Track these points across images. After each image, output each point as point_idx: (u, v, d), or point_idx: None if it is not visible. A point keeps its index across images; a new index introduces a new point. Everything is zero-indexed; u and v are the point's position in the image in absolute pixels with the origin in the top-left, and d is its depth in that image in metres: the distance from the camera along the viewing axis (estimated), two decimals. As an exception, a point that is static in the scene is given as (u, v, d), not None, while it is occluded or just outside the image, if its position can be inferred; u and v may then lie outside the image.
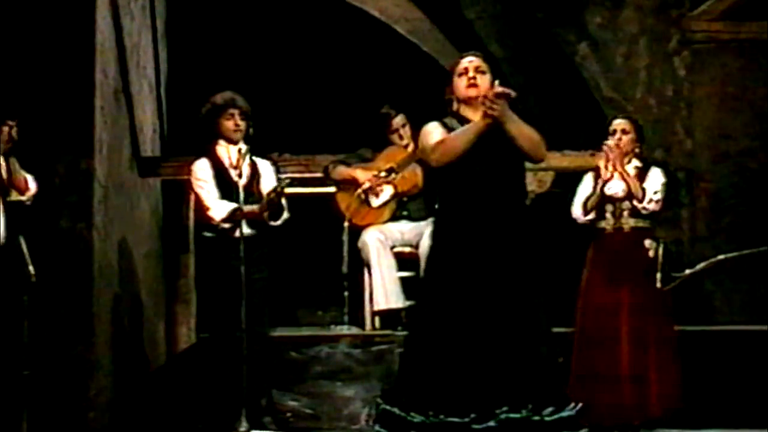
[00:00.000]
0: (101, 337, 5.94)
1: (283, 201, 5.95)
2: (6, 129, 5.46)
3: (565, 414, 4.59)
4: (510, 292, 4.65)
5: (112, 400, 6.09)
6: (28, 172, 5.57)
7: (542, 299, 4.78)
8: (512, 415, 4.45)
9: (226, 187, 5.93)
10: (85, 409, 5.74)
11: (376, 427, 4.73)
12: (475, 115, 4.80)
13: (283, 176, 6.11)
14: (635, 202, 5.96)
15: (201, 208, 6.00)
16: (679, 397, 5.88)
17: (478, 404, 4.47)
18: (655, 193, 5.97)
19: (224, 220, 5.88)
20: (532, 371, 4.58)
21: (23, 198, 5.53)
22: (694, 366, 6.04)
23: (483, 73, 4.85)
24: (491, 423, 4.44)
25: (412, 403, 4.55)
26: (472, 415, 4.44)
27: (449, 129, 4.81)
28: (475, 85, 4.82)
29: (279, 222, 5.98)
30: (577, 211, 6.09)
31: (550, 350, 4.73)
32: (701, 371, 6.17)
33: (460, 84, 4.85)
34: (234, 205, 5.82)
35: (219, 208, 5.88)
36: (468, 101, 4.85)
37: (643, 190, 5.94)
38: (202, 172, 5.99)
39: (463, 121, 4.83)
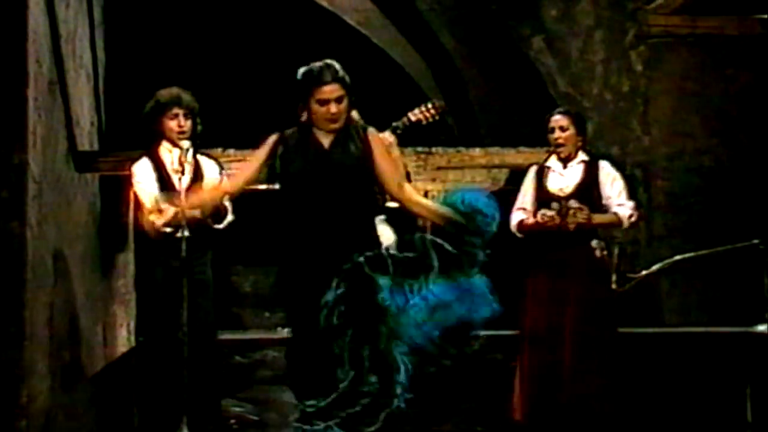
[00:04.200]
0: (35, 341, 5.79)
1: (228, 203, 5.78)
2: None
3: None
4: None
5: (46, 407, 5.89)
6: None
7: None
8: None
9: (167, 190, 5.81)
10: (17, 417, 5.52)
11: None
12: (326, 138, 4.97)
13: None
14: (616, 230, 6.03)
15: (141, 211, 5.92)
16: (617, 400, 5.85)
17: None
18: (622, 198, 5.97)
19: (166, 225, 5.79)
20: None
21: None
22: (647, 368, 6.14)
23: (341, 101, 4.96)
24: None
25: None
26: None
27: (287, 147, 4.97)
28: (335, 121, 4.94)
29: (222, 225, 5.86)
30: (513, 223, 6.07)
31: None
32: (654, 374, 6.26)
33: (320, 112, 4.94)
34: (174, 209, 5.69)
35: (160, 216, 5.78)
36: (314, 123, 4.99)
37: (617, 214, 5.91)
38: (142, 173, 5.90)
39: (312, 141, 4.94)
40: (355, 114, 6.71)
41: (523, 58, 7.88)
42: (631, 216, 5.97)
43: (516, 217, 6.05)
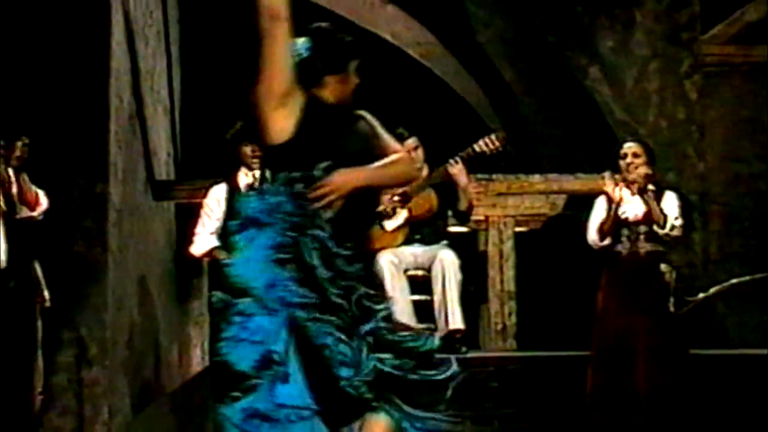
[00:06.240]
0: (116, 360, 5.96)
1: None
2: (19, 144, 5.43)
3: None
4: None
5: (126, 423, 6.09)
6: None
7: None
8: None
9: None
10: (100, 432, 5.74)
11: None
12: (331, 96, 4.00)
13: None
14: (656, 228, 5.95)
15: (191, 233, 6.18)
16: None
17: None
18: (676, 219, 5.98)
19: (201, 256, 6.16)
20: None
21: (34, 214, 5.47)
22: (706, 390, 6.02)
23: None
24: None
25: None
26: None
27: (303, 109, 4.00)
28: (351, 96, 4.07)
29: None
30: (593, 236, 6.08)
31: None
32: (714, 395, 6.13)
33: (353, 84, 4.01)
34: (213, 245, 5.98)
35: (199, 244, 6.09)
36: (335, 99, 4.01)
37: (664, 215, 5.95)
38: (213, 198, 6.08)
39: (322, 105, 3.99)
40: None
41: (580, 88, 7.93)
42: (674, 227, 5.95)
43: (594, 224, 6.08)
